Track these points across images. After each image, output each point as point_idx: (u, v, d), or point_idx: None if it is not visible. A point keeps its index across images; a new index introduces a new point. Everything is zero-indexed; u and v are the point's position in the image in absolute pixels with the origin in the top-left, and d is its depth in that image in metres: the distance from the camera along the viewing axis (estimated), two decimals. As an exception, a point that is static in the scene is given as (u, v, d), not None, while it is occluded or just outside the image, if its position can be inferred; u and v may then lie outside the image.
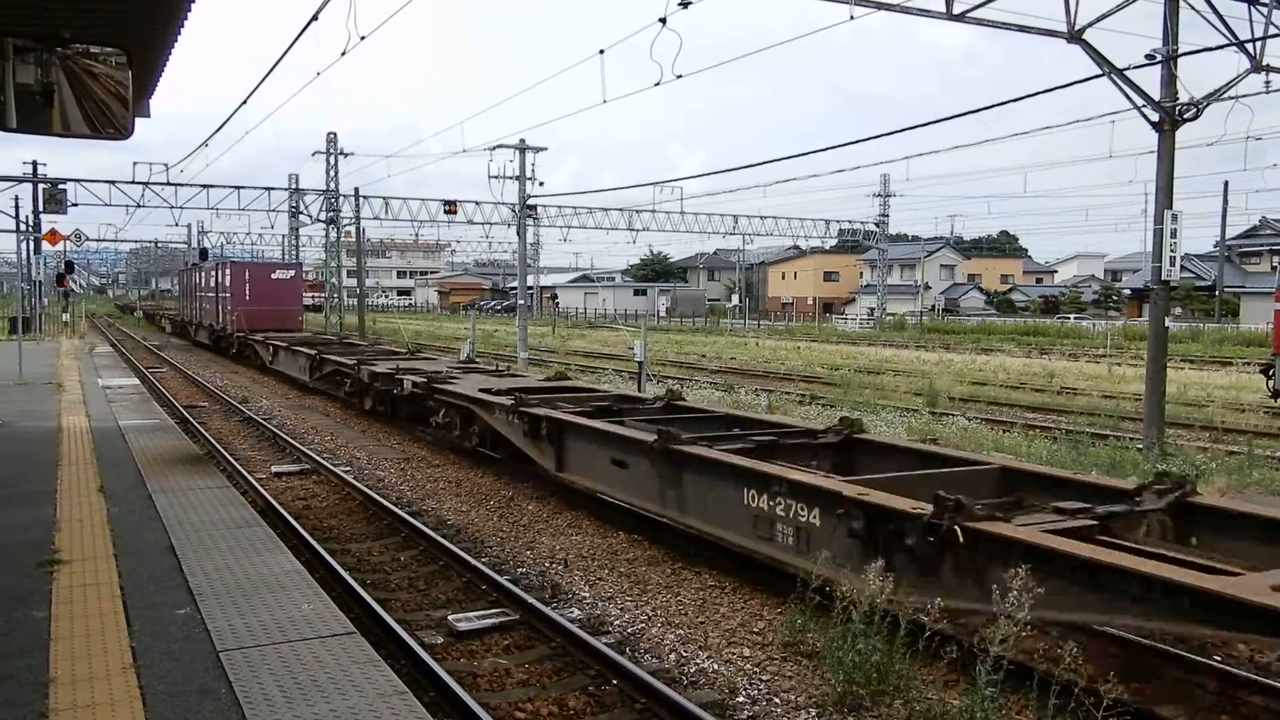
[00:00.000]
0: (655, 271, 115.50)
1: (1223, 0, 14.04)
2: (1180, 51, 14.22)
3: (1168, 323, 15.44)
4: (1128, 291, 72.59)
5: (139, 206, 44.42)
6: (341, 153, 48.35)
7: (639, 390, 18.43)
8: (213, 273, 37.26)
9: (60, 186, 41.89)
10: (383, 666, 5.09)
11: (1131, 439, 15.41)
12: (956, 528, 5.72)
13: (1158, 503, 6.55)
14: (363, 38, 12.44)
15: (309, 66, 16.94)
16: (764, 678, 6.48)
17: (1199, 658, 6.24)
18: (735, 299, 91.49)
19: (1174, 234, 14.74)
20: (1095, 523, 6.16)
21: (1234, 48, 14.20)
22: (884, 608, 6.05)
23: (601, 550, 9.60)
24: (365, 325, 46.50)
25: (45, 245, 38.46)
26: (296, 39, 12.68)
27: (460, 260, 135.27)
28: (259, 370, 29.25)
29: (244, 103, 32.98)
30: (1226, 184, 58.21)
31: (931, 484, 6.74)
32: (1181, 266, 15.56)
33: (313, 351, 22.61)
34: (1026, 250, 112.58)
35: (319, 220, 48.85)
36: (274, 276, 34.58)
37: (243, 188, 45.76)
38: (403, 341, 32.26)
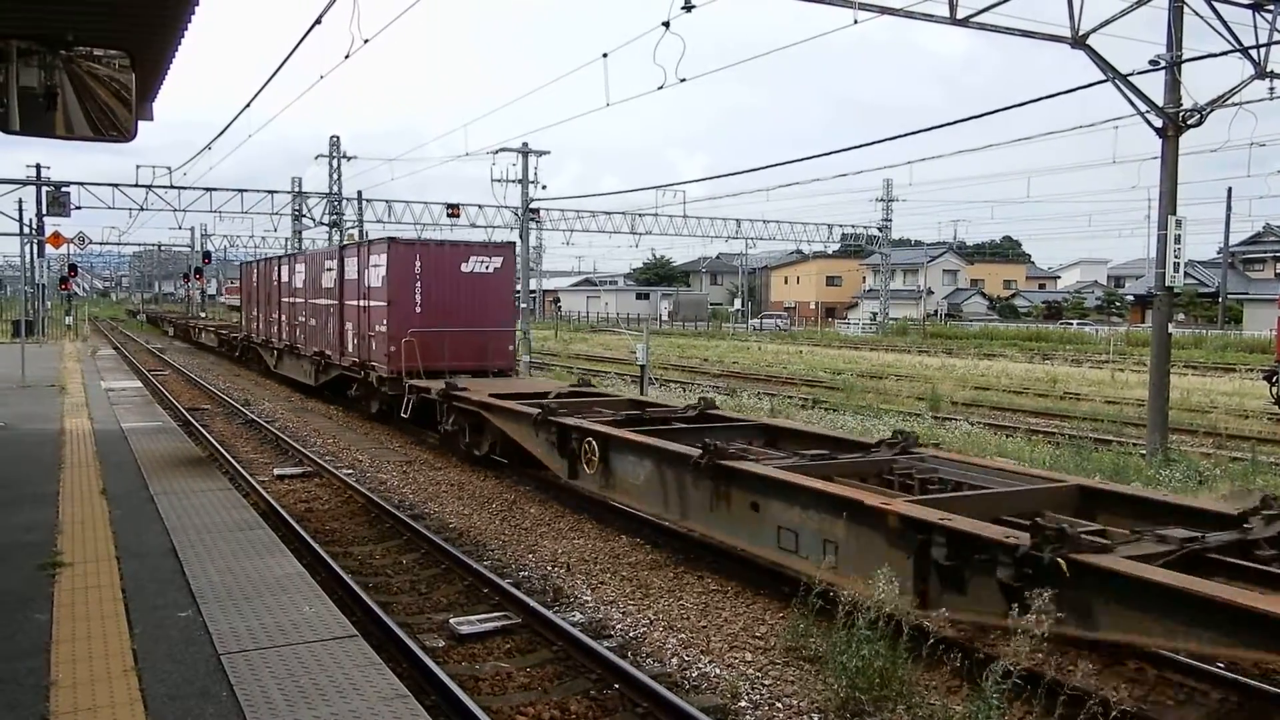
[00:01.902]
0: (658, 275, 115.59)
1: (1227, 6, 14.03)
2: (1184, 57, 14.22)
3: (1171, 329, 15.41)
4: (1131, 297, 72.55)
5: (142, 209, 44.51)
6: (344, 156, 48.42)
7: (640, 393, 18.41)
8: (331, 262, 20.90)
9: (64, 189, 42.01)
10: (384, 669, 5.08)
11: (1135, 444, 15.38)
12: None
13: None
14: (366, 41, 12.45)
15: (312, 70, 17.01)
16: (766, 683, 6.46)
17: None
18: (738, 303, 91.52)
19: (1178, 240, 14.73)
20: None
21: (1238, 54, 14.19)
22: (888, 613, 6.04)
23: (604, 554, 9.58)
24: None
25: (48, 248, 38.56)
26: (300, 42, 12.71)
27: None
28: (262, 374, 27.88)
29: (247, 106, 32.61)
30: (1230, 190, 58.20)
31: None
32: (1185, 273, 15.53)
33: None
34: (1030, 256, 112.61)
35: (322, 223, 48.93)
36: (468, 268, 17.94)
37: (246, 191, 45.91)
38: None
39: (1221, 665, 6.41)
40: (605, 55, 17.61)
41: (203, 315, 62.18)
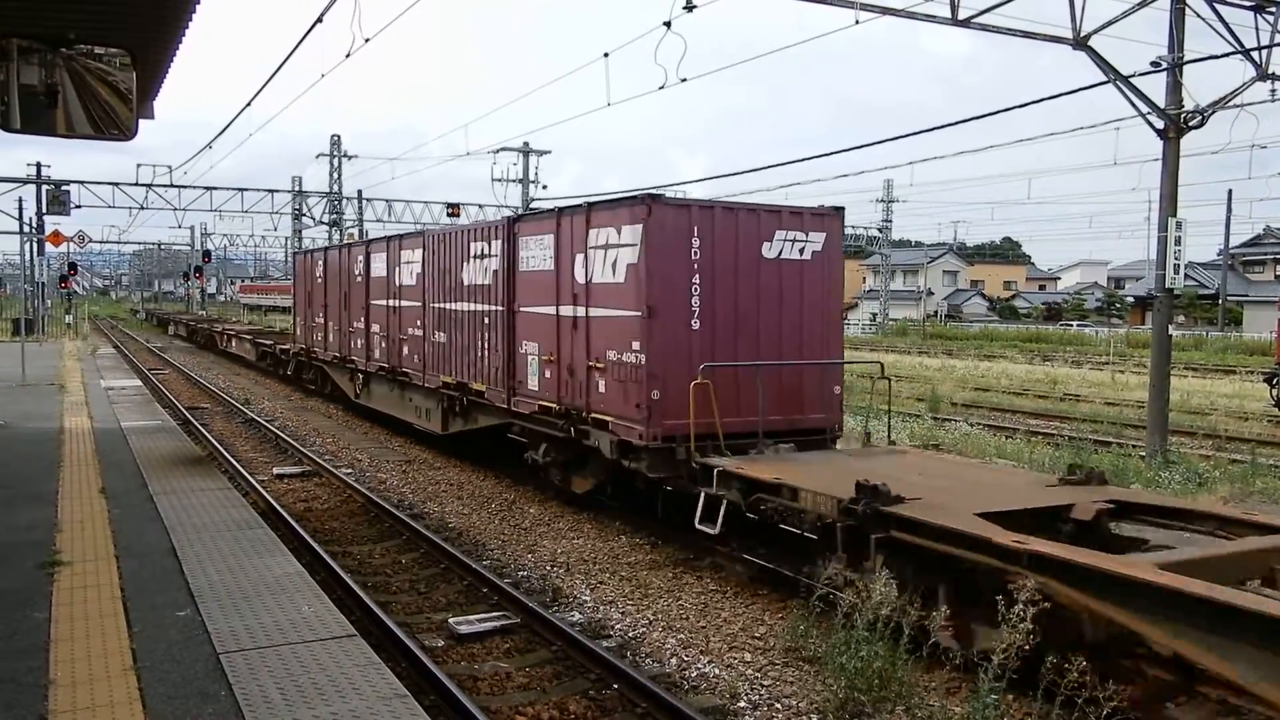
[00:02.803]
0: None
1: (1229, 8, 14.03)
2: (1186, 59, 14.22)
3: (1171, 331, 15.41)
4: (1131, 299, 72.50)
5: (142, 208, 44.46)
6: (345, 155, 48.40)
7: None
8: (486, 245, 13.15)
9: (64, 188, 41.99)
10: (383, 669, 5.08)
11: (1135, 446, 15.37)
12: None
13: None
14: (367, 40, 12.46)
15: (313, 69, 17.09)
16: (765, 683, 6.46)
17: None
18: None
19: (1178, 242, 14.73)
20: None
21: (1240, 56, 14.19)
22: (886, 615, 6.03)
23: (603, 554, 9.58)
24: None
25: (48, 246, 38.54)
26: (301, 41, 12.73)
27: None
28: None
29: (248, 104, 32.39)
30: (1230, 192, 58.18)
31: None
32: (1185, 275, 15.53)
33: None
34: (1030, 257, 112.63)
35: (322, 223, 48.89)
36: (772, 252, 10.39)
37: (246, 190, 45.82)
38: None
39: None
40: (606, 55, 17.60)
41: (201, 313, 61.95)
